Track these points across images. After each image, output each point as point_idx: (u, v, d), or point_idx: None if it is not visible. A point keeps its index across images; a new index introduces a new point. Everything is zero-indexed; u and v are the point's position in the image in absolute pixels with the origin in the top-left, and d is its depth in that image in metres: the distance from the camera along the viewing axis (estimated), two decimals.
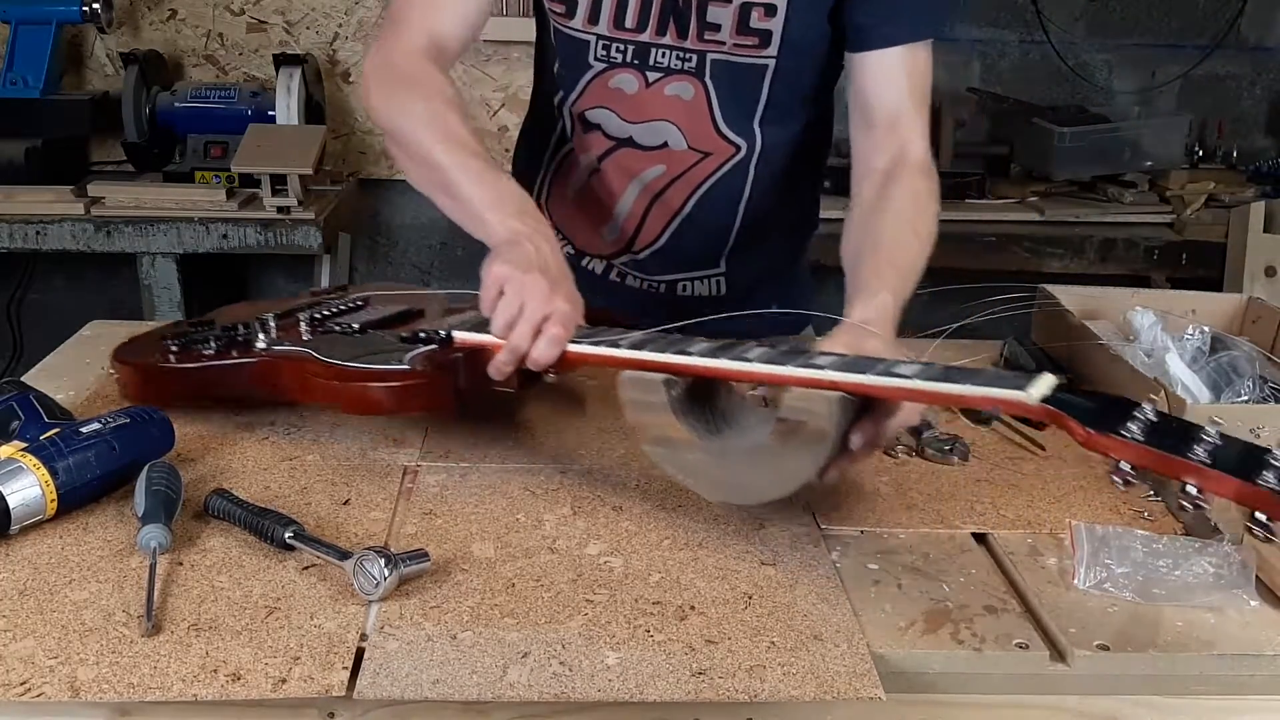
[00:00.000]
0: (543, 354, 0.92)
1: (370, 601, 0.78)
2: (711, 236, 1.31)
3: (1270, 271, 2.45)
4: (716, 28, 1.15)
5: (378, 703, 0.70)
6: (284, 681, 0.69)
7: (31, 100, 2.49)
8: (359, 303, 1.17)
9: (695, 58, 1.18)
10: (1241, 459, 0.67)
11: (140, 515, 0.84)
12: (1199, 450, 0.68)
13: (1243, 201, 2.56)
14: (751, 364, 0.85)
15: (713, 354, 0.87)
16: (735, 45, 1.17)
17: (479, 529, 0.89)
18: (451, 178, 1.05)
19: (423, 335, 1.01)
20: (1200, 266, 2.55)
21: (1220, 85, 3.01)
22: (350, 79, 2.80)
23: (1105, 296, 1.34)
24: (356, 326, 1.07)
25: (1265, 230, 2.46)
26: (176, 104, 2.55)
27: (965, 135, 2.97)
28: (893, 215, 1.11)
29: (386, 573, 0.77)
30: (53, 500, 0.85)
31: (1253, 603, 0.81)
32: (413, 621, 0.76)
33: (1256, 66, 3.01)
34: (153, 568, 0.78)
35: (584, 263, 1.37)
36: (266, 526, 0.84)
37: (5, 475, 0.83)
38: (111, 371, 1.13)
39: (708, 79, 1.19)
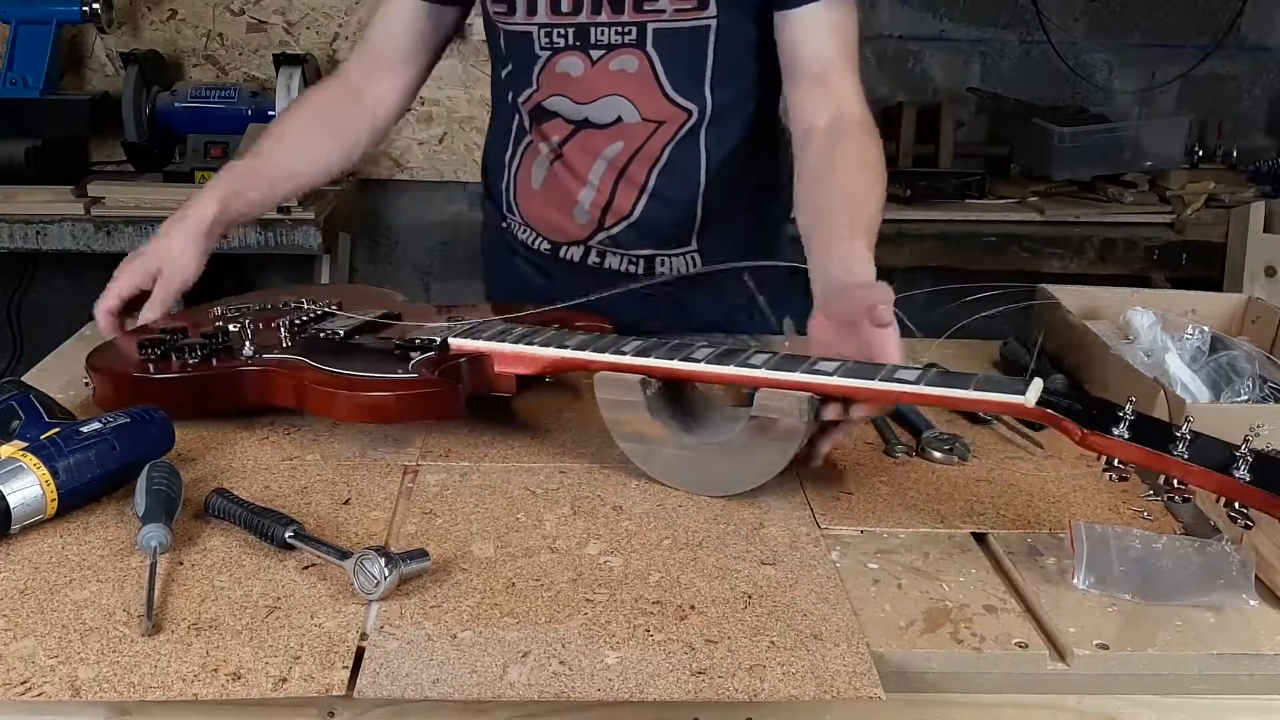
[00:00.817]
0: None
1: (370, 601, 0.78)
2: (679, 210, 1.33)
3: (1270, 271, 2.45)
4: None
5: (378, 702, 0.70)
6: (284, 681, 0.69)
7: (31, 100, 2.49)
8: (331, 307, 1.17)
9: (635, 30, 1.21)
10: (1217, 455, 0.77)
11: (140, 515, 0.84)
12: (1180, 448, 0.77)
13: (1243, 201, 2.56)
14: (759, 370, 0.91)
15: (718, 360, 0.93)
16: (675, 11, 1.20)
17: (479, 528, 0.89)
18: None
19: (419, 342, 1.02)
20: (1200, 266, 2.55)
21: (1220, 85, 3.02)
22: None
23: (1105, 296, 1.34)
24: (341, 333, 1.08)
25: (1265, 230, 2.46)
26: (176, 104, 2.55)
27: (965, 135, 2.98)
28: (846, 173, 1.13)
29: (386, 572, 0.77)
30: (53, 500, 0.85)
31: (1252, 602, 0.81)
32: (413, 621, 0.76)
33: (1256, 66, 3.01)
34: (153, 567, 0.78)
35: (562, 253, 1.38)
36: (266, 526, 0.84)
37: (6, 475, 0.83)
38: (86, 381, 1.12)
39: (650, 49, 1.22)
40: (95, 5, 2.52)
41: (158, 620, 0.74)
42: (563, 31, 1.22)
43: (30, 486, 0.84)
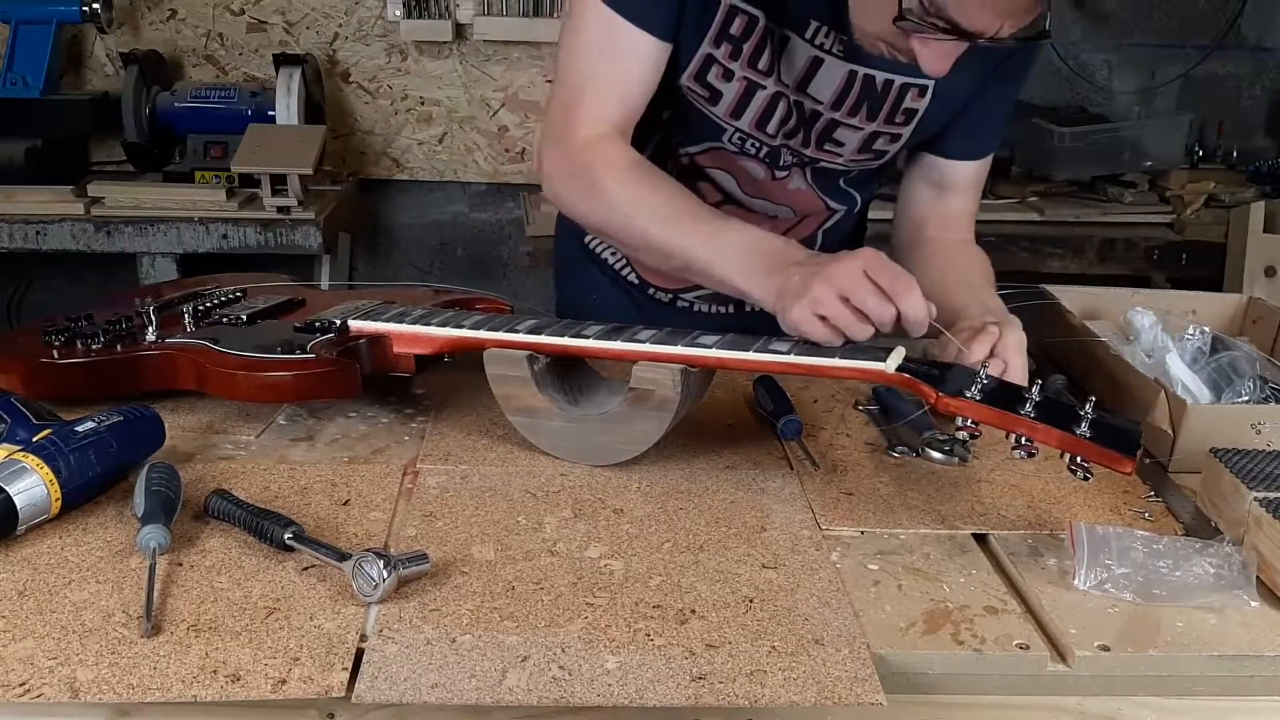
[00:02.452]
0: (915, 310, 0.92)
1: (369, 603, 0.77)
2: None
3: (1270, 271, 2.45)
4: (840, 144, 1.21)
5: (376, 705, 0.70)
6: (284, 682, 0.69)
7: (31, 100, 2.49)
8: (238, 294, 1.19)
9: (809, 161, 1.24)
10: (1060, 414, 0.83)
11: (140, 516, 0.84)
12: (1027, 408, 0.83)
13: (1243, 201, 2.56)
14: (643, 344, 0.96)
15: (605, 336, 0.98)
16: (850, 161, 1.24)
17: (479, 531, 0.89)
18: (678, 254, 1.05)
19: (318, 324, 1.06)
20: (1200, 266, 2.55)
21: (1220, 85, 3.01)
22: (350, 79, 2.80)
23: (1105, 296, 1.34)
24: (245, 317, 1.11)
25: (1265, 230, 2.46)
26: (176, 104, 2.55)
27: None
28: (972, 260, 1.28)
29: (385, 575, 0.77)
30: (57, 499, 0.85)
31: (1253, 603, 0.81)
32: (412, 624, 0.75)
33: (1256, 66, 3.01)
34: (152, 568, 0.78)
35: (650, 291, 1.40)
36: (266, 527, 0.84)
37: (10, 475, 0.83)
38: None
39: (810, 176, 1.27)
40: (95, 5, 2.52)
41: (157, 621, 0.74)
42: (756, 144, 1.22)
43: (35, 486, 0.84)
